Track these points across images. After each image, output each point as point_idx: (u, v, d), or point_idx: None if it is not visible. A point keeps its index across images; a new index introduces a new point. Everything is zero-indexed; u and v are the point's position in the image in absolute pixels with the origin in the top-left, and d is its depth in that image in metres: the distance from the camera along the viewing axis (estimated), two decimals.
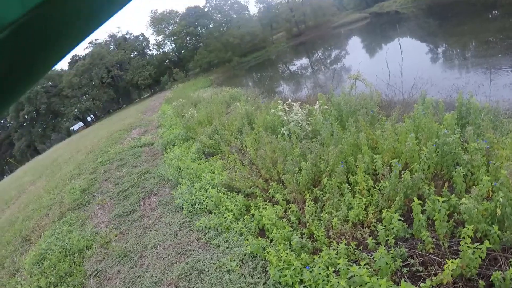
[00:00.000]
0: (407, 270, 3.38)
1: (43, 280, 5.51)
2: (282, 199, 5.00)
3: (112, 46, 57.48)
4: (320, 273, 3.43)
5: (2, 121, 52.70)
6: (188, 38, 57.63)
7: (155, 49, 60.36)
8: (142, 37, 60.44)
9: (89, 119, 58.29)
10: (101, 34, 58.26)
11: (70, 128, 57.48)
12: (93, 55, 52.23)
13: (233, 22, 56.54)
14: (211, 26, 58.10)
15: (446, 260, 3.19)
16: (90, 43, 55.39)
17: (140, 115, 24.62)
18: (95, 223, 7.21)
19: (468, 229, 3.00)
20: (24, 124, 49.76)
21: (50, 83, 51.46)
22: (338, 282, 3.22)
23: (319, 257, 3.71)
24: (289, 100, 7.92)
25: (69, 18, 0.43)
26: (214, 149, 8.29)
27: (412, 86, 8.58)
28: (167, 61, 58.95)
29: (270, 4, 58.85)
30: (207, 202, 5.81)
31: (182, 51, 58.44)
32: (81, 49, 57.22)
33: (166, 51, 60.48)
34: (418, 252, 3.55)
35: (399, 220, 3.77)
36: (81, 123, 58.91)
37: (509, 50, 12.61)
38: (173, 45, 59.71)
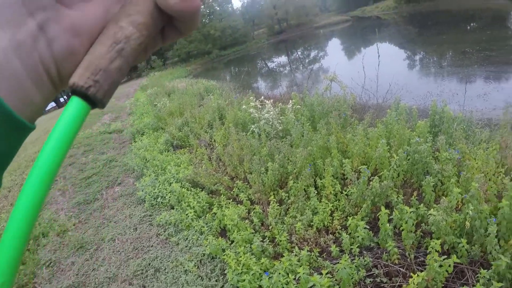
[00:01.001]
0: (370, 281, 3.28)
1: None
2: (246, 199, 4.85)
3: None
4: (279, 280, 3.28)
5: None
6: None
7: None
8: None
9: (62, 99, 57.31)
10: None
11: None
12: None
13: (216, 15, 56.15)
14: None
15: (411, 272, 3.12)
16: None
17: (113, 100, 24.18)
18: (54, 210, 6.93)
19: (435, 243, 2.92)
20: None
21: None
22: None
23: (280, 262, 3.57)
24: (262, 97, 7.79)
25: None
26: (183, 141, 8.09)
27: (387, 91, 8.55)
28: None
29: None
30: (169, 197, 5.62)
31: None
32: None
33: None
34: (383, 262, 3.46)
35: (365, 228, 3.67)
36: (53, 103, 58.05)
37: (485, 61, 12.86)
38: None
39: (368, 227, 3.76)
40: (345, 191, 4.41)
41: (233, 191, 5.22)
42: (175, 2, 0.39)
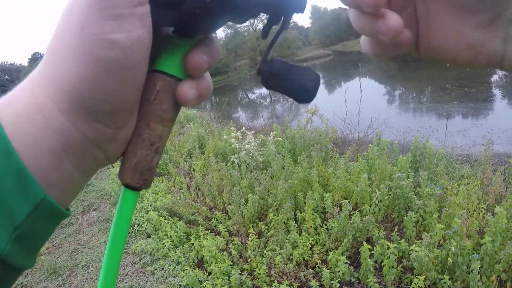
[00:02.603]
0: None
1: None
2: (225, 231, 4.76)
3: None
4: None
5: None
6: None
7: None
8: None
9: None
10: None
11: None
12: None
13: None
14: None
15: None
16: None
17: None
18: None
19: (419, 279, 2.95)
20: None
21: (7, 77, 50.57)
22: None
23: None
24: (243, 128, 7.77)
25: None
26: (162, 169, 7.98)
27: (369, 126, 8.61)
28: None
29: (237, 30, 59.49)
30: (146, 225, 5.49)
31: None
32: (44, 48, 56.86)
33: None
34: None
35: (346, 263, 3.62)
36: None
37: (464, 98, 13.22)
38: None
39: (348, 262, 3.71)
40: (326, 225, 4.36)
41: (212, 222, 5.12)
42: (192, 103, 0.44)
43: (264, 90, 32.12)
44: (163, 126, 0.44)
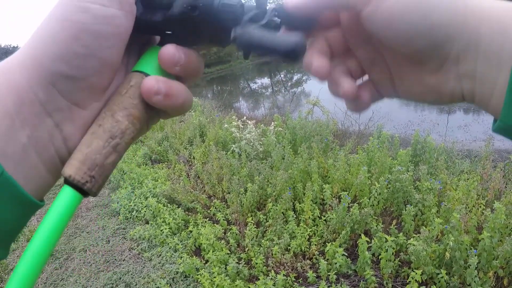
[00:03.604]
0: None
1: None
2: (223, 219, 4.76)
3: None
4: None
5: None
6: None
7: None
8: None
9: None
10: None
11: None
12: None
13: None
14: None
15: None
16: None
17: None
18: None
19: (416, 273, 2.95)
20: None
21: None
22: None
23: (255, 286, 3.50)
24: (244, 117, 7.76)
25: None
26: (162, 156, 7.97)
27: (370, 119, 8.61)
28: None
29: None
30: (145, 211, 5.49)
31: None
32: None
33: None
34: None
35: (343, 255, 3.62)
36: None
37: None
38: None
39: (346, 254, 3.71)
40: (324, 216, 4.37)
41: (210, 210, 5.13)
42: (157, 99, 0.42)
43: (266, 80, 32.05)
44: (128, 122, 0.41)
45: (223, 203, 5.24)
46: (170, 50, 0.42)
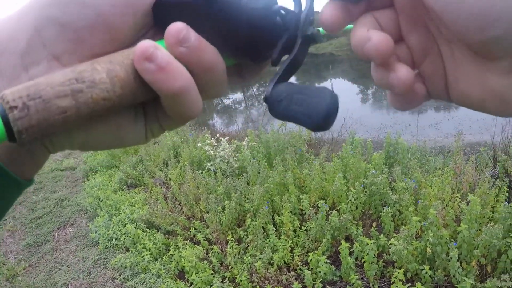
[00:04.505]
0: None
1: None
2: (204, 239, 4.72)
3: None
4: None
5: None
6: None
7: None
8: None
9: None
10: None
11: None
12: None
13: None
14: None
15: None
16: None
17: None
18: (3, 252, 6.56)
19: (399, 272, 2.97)
20: None
21: None
22: None
23: None
24: (218, 135, 7.75)
25: None
26: (138, 180, 7.89)
27: (342, 126, 8.67)
28: None
29: None
30: (124, 239, 5.41)
31: None
32: None
33: None
34: None
35: (327, 262, 3.63)
36: None
37: None
38: None
39: (329, 261, 3.72)
40: (304, 226, 4.36)
41: (190, 231, 5.07)
42: (147, 67, 0.33)
43: (239, 95, 32.13)
44: (107, 76, 0.32)
45: (203, 223, 5.19)
46: (177, 25, 0.35)
